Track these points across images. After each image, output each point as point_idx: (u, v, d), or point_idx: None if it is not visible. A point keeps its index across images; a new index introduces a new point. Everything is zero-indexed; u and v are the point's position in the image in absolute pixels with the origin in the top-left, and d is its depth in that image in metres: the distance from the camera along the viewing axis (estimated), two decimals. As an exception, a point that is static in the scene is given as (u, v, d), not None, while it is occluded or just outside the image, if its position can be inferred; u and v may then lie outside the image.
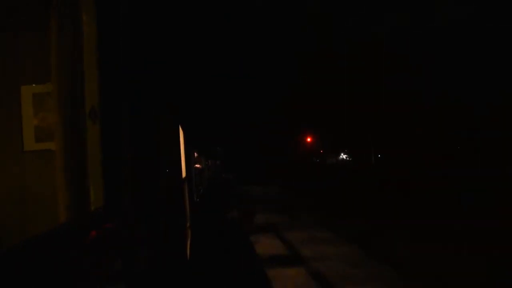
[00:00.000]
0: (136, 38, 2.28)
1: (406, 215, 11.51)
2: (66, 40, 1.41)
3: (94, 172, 1.47)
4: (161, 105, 2.57)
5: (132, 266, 1.69)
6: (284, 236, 9.00)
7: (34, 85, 2.39)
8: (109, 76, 1.57)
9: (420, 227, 9.53)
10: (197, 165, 14.30)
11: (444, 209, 12.61)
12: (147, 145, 2.31)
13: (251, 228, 9.77)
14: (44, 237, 1.12)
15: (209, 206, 15.88)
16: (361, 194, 18.54)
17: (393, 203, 14.54)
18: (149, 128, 2.39)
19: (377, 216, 11.49)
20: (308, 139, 60.48)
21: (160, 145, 2.49)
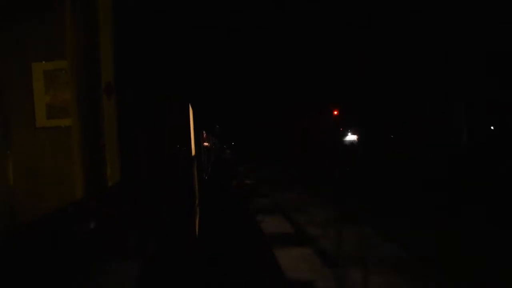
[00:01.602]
0: (152, 13, 2.26)
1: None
2: (82, 15, 1.39)
3: (111, 148, 1.47)
4: (173, 82, 2.56)
5: (147, 242, 1.71)
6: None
7: (44, 62, 2.39)
8: (124, 52, 1.56)
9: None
10: (205, 144, 14.35)
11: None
12: (160, 121, 2.31)
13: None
14: (60, 213, 1.13)
15: (216, 183, 16.01)
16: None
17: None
18: (161, 105, 2.39)
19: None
20: (335, 113, 53.01)
21: (172, 122, 2.49)
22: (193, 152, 4.37)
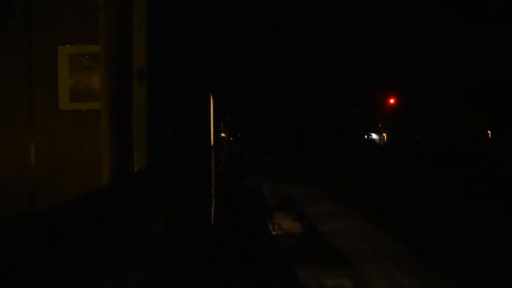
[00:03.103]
0: (184, 1, 2.24)
1: None
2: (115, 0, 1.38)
3: (138, 133, 1.47)
4: (199, 71, 2.55)
5: (171, 228, 1.71)
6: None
7: (68, 46, 2.40)
8: (157, 38, 1.55)
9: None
10: (223, 134, 14.35)
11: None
12: (185, 110, 2.30)
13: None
14: (88, 197, 1.12)
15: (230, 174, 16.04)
16: None
17: None
18: (187, 93, 2.38)
19: None
20: (391, 101, 46.30)
21: (195, 111, 2.48)
22: (212, 142, 4.38)
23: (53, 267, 0.78)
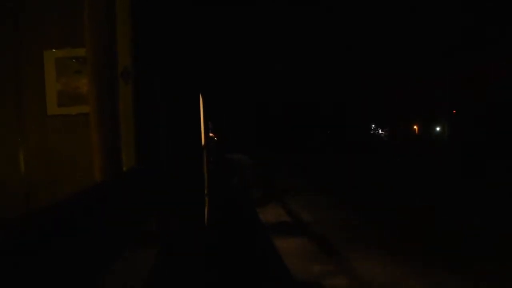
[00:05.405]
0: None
1: None
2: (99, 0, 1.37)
3: (127, 134, 1.47)
4: (187, 70, 2.54)
5: (163, 229, 1.71)
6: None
7: (55, 50, 2.38)
8: (142, 36, 1.55)
9: None
10: (211, 134, 14.32)
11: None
12: (174, 109, 2.30)
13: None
14: (76, 197, 1.12)
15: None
16: None
17: None
18: (176, 92, 2.37)
19: None
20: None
21: (185, 110, 2.48)
22: (203, 142, 4.38)
23: (43, 267, 0.78)
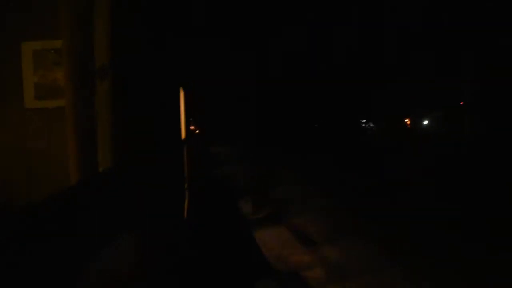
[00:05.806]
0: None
1: None
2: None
3: (103, 132, 1.46)
4: (167, 64, 2.53)
5: (138, 225, 1.71)
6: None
7: (32, 41, 2.34)
8: (120, 33, 1.53)
9: None
10: (192, 127, 14.22)
11: None
12: (152, 105, 2.28)
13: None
14: (52, 199, 1.12)
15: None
16: None
17: None
18: (154, 88, 2.36)
19: None
20: None
21: (164, 105, 2.47)
22: (183, 136, 4.37)
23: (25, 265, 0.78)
